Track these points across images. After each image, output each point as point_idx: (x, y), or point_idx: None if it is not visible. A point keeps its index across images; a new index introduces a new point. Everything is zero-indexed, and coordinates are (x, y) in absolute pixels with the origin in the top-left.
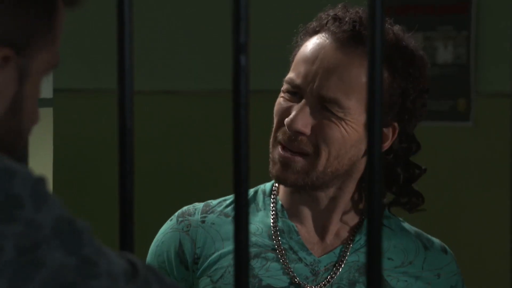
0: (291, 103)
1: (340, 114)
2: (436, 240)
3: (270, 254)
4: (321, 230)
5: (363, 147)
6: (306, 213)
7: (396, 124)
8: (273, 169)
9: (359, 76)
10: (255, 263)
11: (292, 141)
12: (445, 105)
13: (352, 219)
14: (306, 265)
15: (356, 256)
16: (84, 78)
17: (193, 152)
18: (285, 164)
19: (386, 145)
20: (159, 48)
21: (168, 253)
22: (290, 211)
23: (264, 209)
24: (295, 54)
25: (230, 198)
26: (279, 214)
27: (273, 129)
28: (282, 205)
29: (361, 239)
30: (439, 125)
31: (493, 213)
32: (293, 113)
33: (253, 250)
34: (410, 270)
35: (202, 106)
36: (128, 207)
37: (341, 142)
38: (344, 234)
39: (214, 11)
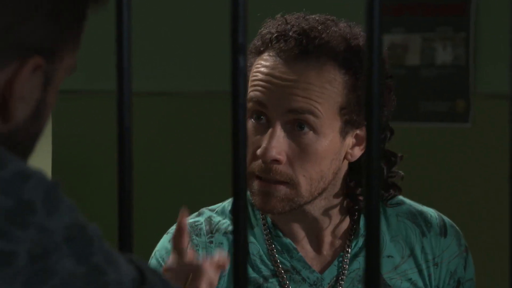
0: (259, 134)
1: (317, 124)
2: (434, 219)
3: (274, 281)
4: (316, 243)
5: (342, 154)
6: (298, 227)
7: None
8: (256, 200)
9: (322, 85)
10: None
11: (268, 172)
12: (444, 106)
13: (344, 223)
14: (310, 285)
15: (357, 263)
16: (83, 79)
17: (190, 153)
18: (266, 193)
19: (364, 146)
20: (157, 50)
21: None
22: (282, 228)
23: (257, 225)
24: (248, 75)
25: (229, 210)
26: (272, 232)
27: (247, 160)
28: (272, 222)
29: (358, 242)
30: (437, 126)
31: (492, 214)
32: (264, 143)
33: (261, 275)
34: (411, 264)
35: (200, 108)
36: (127, 207)
37: (321, 162)
38: (338, 241)
39: (211, 12)
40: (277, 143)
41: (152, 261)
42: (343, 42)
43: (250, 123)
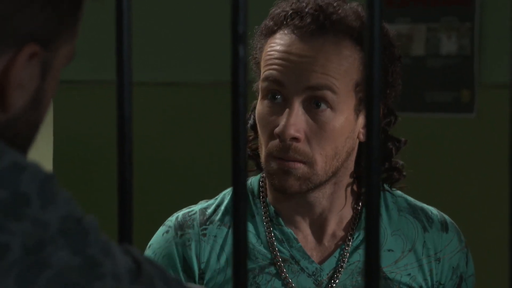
0: (275, 114)
1: (334, 101)
2: (435, 216)
3: (272, 269)
4: (318, 233)
5: (356, 133)
6: (302, 216)
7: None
8: (274, 180)
9: (340, 61)
10: (260, 280)
11: (286, 151)
12: (449, 97)
13: (347, 213)
14: (309, 275)
15: (358, 255)
16: (84, 69)
17: (192, 143)
18: (285, 172)
19: None
20: (158, 40)
21: (174, 267)
22: (285, 216)
23: (257, 214)
24: (258, 57)
25: (223, 202)
26: (274, 221)
27: (263, 142)
28: (275, 211)
29: (360, 234)
30: (442, 117)
31: (496, 205)
32: (283, 121)
33: (257, 265)
34: (411, 259)
35: (202, 98)
36: (127, 199)
37: (337, 139)
38: (341, 232)
39: (213, 1)
40: (296, 120)
41: (148, 253)
42: (358, 19)
43: (265, 103)
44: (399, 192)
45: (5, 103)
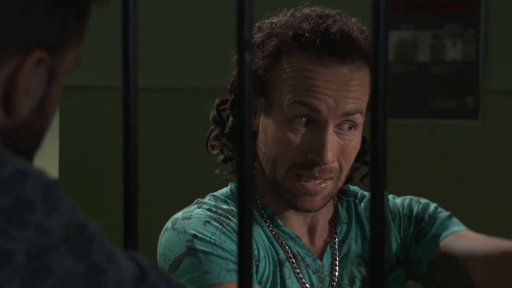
0: (305, 138)
1: (361, 122)
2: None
3: (288, 264)
4: (310, 233)
5: None
6: (297, 218)
7: None
8: (295, 200)
9: (364, 84)
10: (284, 273)
11: (322, 173)
12: (454, 103)
13: (330, 211)
14: (314, 272)
15: (346, 247)
16: (90, 75)
17: (197, 148)
18: (311, 194)
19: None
20: (162, 45)
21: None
22: (281, 218)
23: (255, 216)
24: (264, 75)
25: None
26: (272, 222)
27: (284, 162)
28: (272, 212)
29: (342, 228)
30: (447, 123)
31: (501, 211)
32: (320, 148)
33: (278, 257)
34: (393, 258)
35: (206, 103)
36: (133, 204)
37: (355, 153)
38: (326, 230)
39: (217, 8)
40: (332, 146)
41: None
42: (368, 42)
43: (292, 126)
44: (356, 190)
45: (11, 109)
